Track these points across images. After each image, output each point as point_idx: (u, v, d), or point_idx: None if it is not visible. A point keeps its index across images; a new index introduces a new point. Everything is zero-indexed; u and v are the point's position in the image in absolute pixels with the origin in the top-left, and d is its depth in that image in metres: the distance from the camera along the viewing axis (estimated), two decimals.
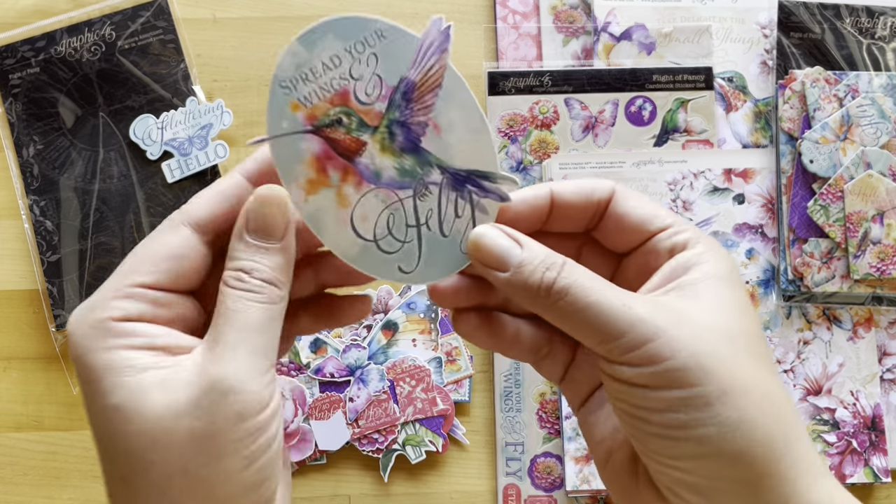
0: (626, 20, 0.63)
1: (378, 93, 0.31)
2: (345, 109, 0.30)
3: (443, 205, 0.31)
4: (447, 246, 0.31)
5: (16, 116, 0.61)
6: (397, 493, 0.59)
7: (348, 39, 0.30)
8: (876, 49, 0.62)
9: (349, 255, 0.31)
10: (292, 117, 0.30)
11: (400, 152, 0.31)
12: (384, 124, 0.30)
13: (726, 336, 0.29)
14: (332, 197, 0.31)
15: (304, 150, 0.30)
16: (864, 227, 0.59)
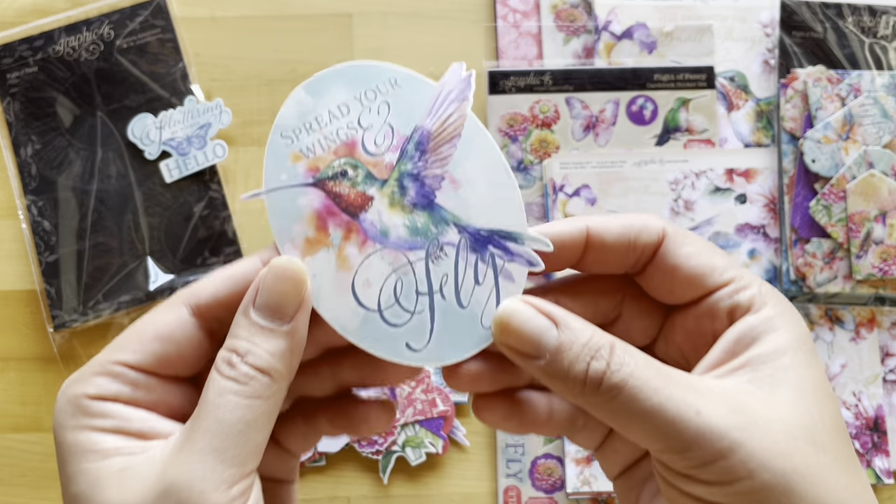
0: (627, 19, 0.62)
1: (389, 143, 0.28)
2: (351, 161, 0.28)
3: (460, 269, 0.27)
4: (465, 319, 0.27)
5: (14, 116, 0.60)
6: (397, 495, 0.59)
7: (358, 87, 0.29)
8: (878, 48, 0.62)
9: (349, 328, 0.27)
10: (292, 169, 0.28)
11: (411, 208, 0.28)
12: (394, 177, 0.28)
13: (812, 441, 0.25)
14: (332, 259, 0.27)
15: (304, 205, 0.28)
16: (866, 227, 0.58)
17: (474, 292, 0.27)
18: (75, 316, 0.58)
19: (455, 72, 0.29)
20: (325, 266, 0.27)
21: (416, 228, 0.27)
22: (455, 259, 0.27)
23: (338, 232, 0.28)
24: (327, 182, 0.28)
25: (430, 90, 0.29)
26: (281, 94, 0.62)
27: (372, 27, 0.63)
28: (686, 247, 0.28)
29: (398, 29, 0.63)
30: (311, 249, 0.28)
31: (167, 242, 0.60)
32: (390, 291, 0.27)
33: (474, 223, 0.27)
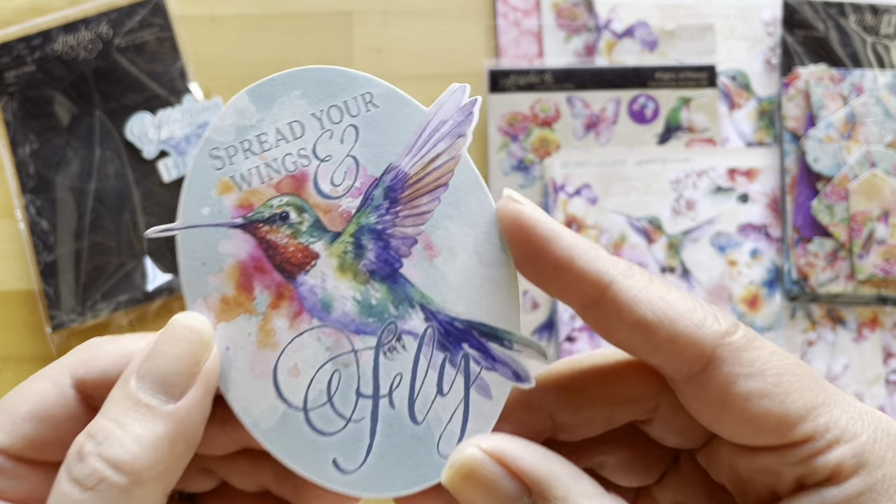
0: (628, 17, 0.62)
1: (350, 184, 0.21)
2: (296, 201, 0.21)
3: (420, 371, 0.20)
4: (417, 440, 0.20)
5: (12, 115, 0.60)
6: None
7: (321, 101, 0.22)
8: (881, 47, 0.62)
9: (261, 426, 0.21)
10: (217, 202, 0.21)
11: (367, 277, 0.21)
12: (350, 231, 0.21)
13: None
14: (253, 330, 0.21)
15: (226, 253, 0.21)
16: (868, 227, 0.58)
17: (434, 405, 0.20)
18: (73, 316, 0.58)
19: (453, 95, 0.21)
20: (243, 338, 0.21)
21: (369, 305, 0.21)
22: (415, 355, 0.20)
23: (265, 295, 0.21)
24: (261, 226, 0.21)
25: (417, 117, 0.21)
26: None
27: (371, 26, 0.63)
28: (750, 381, 0.19)
29: (398, 27, 0.63)
30: (227, 313, 0.21)
31: (165, 242, 0.60)
32: (323, 386, 0.21)
33: (449, 309, 0.21)
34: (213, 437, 0.22)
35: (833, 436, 0.19)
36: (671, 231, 0.60)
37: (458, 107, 0.21)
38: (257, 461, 0.23)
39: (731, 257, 0.60)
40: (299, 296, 0.21)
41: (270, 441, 0.21)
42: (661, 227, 0.60)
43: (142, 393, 0.20)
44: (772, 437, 0.20)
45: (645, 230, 0.60)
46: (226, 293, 0.21)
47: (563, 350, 0.58)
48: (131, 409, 0.20)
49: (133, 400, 0.20)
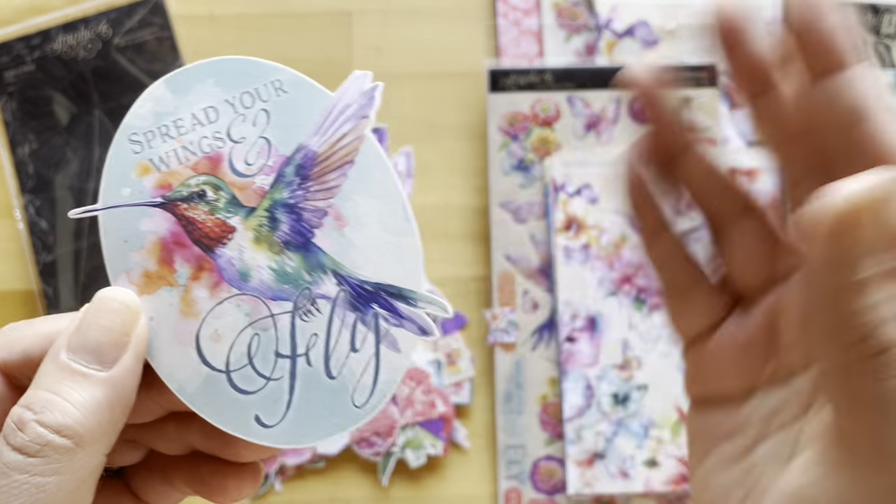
0: (628, 17, 0.62)
1: (263, 163, 0.23)
2: (212, 180, 0.22)
3: (334, 331, 0.22)
4: (333, 393, 0.22)
5: (11, 115, 0.60)
6: (396, 497, 0.58)
7: (234, 88, 0.23)
8: (881, 47, 0.62)
9: (187, 389, 0.22)
10: (138, 184, 0.22)
11: (282, 247, 0.22)
12: (265, 206, 0.22)
13: None
14: (175, 301, 0.22)
15: (147, 230, 0.22)
16: None
17: (348, 361, 0.22)
18: None
19: (357, 81, 0.23)
20: (165, 309, 0.22)
21: (284, 273, 0.22)
22: (329, 317, 0.22)
23: (185, 268, 0.22)
24: (179, 204, 0.22)
25: (324, 101, 0.23)
26: None
27: (371, 25, 0.63)
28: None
29: (398, 27, 0.63)
30: (149, 286, 0.22)
31: None
32: (243, 349, 0.22)
33: (359, 273, 0.22)
34: (140, 405, 0.23)
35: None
36: None
37: (362, 91, 0.23)
38: (183, 424, 0.25)
39: None
40: (218, 267, 0.22)
41: (196, 402, 0.22)
42: None
43: (75, 363, 0.21)
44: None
45: None
46: (148, 268, 0.23)
47: (563, 350, 0.58)
48: (66, 378, 0.21)
49: (67, 370, 0.21)
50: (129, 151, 0.23)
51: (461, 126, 0.62)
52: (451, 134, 0.62)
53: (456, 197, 0.61)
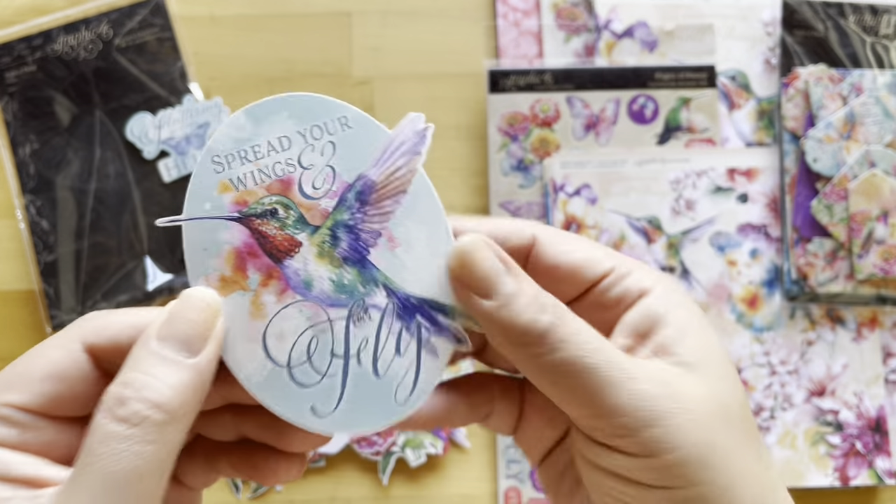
0: (628, 17, 0.62)
1: (328, 188, 0.26)
2: (283, 200, 0.26)
3: (382, 336, 0.25)
4: (379, 390, 0.26)
5: (12, 115, 0.60)
6: (397, 496, 0.58)
7: (305, 122, 0.26)
8: (880, 47, 0.62)
9: (253, 380, 0.26)
10: (218, 200, 0.26)
11: (341, 262, 0.26)
12: (328, 225, 0.26)
13: (725, 417, 0.26)
14: (245, 304, 0.25)
15: (224, 240, 0.25)
16: (868, 226, 0.58)
17: (393, 363, 0.26)
18: (74, 316, 0.58)
19: (411, 122, 0.26)
20: (237, 310, 0.25)
21: (342, 284, 0.25)
22: (378, 324, 0.26)
23: (257, 276, 0.25)
24: (254, 219, 0.25)
25: (382, 137, 0.26)
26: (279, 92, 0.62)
27: (371, 26, 0.63)
28: (561, 245, 0.28)
29: (397, 27, 0.63)
30: (225, 289, 0.25)
31: (166, 242, 0.60)
32: (303, 348, 0.26)
33: (406, 288, 0.26)
34: (207, 394, 0.26)
35: (626, 267, 0.28)
36: (671, 231, 0.60)
37: (415, 131, 0.26)
38: (240, 415, 0.28)
39: (730, 257, 0.60)
40: (285, 276, 0.26)
41: (260, 393, 0.26)
42: (661, 227, 0.60)
43: (166, 350, 0.24)
44: (588, 274, 0.27)
45: (644, 230, 0.60)
46: (224, 273, 0.26)
47: None
48: (158, 363, 0.24)
49: (158, 356, 0.24)
50: (212, 171, 0.26)
51: (461, 127, 0.62)
52: (451, 134, 0.62)
53: (456, 197, 0.61)
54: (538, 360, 0.25)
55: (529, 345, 0.25)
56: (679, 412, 0.25)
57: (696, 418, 0.25)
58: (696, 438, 0.25)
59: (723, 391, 0.26)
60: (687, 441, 0.24)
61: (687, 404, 0.25)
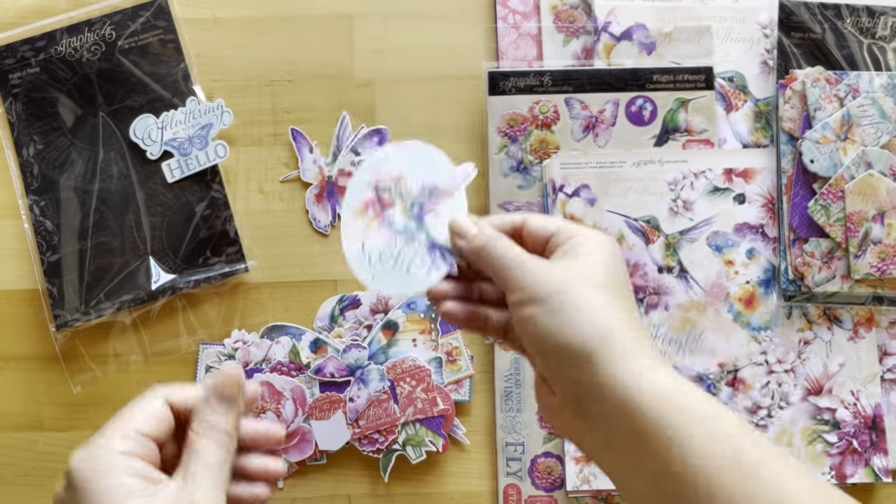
0: (626, 20, 0.63)
1: (419, 187, 0.47)
2: (394, 186, 0.47)
3: (418, 254, 0.45)
4: (413, 277, 0.46)
5: (16, 116, 0.61)
6: (397, 494, 0.59)
7: (415, 163, 0.47)
8: (876, 49, 0.62)
9: (350, 253, 0.47)
10: (366, 185, 0.47)
11: (411, 218, 0.46)
12: (411, 202, 0.46)
13: (580, 274, 0.39)
14: (364, 223, 0.47)
15: (364, 196, 0.47)
16: (864, 227, 0.58)
17: (421, 266, 0.45)
18: (77, 315, 0.59)
19: (467, 167, 0.46)
20: (358, 225, 0.47)
21: (407, 227, 0.46)
22: (417, 248, 0.46)
23: (371, 213, 0.47)
24: (380, 190, 0.47)
25: (450, 170, 0.46)
26: (281, 94, 0.63)
27: (372, 28, 0.64)
28: (536, 221, 0.44)
29: (399, 30, 0.64)
30: (358, 216, 0.47)
31: (169, 242, 0.60)
32: (379, 247, 0.46)
33: (435, 237, 0.45)
34: None
35: (574, 230, 0.43)
36: (669, 231, 0.60)
37: (467, 172, 0.47)
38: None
39: (727, 257, 0.60)
40: (384, 216, 0.46)
41: (349, 255, 0.47)
42: (659, 227, 0.60)
43: (219, 405, 0.42)
44: (548, 230, 0.43)
45: (643, 230, 0.60)
46: (359, 206, 0.47)
47: None
48: (217, 410, 0.42)
49: (217, 408, 0.42)
50: (366, 171, 0.48)
51: (461, 128, 0.63)
52: (451, 136, 0.63)
53: None
54: (483, 261, 0.42)
55: (478, 255, 0.42)
56: (548, 269, 0.40)
57: (554, 269, 0.40)
58: (550, 275, 0.39)
59: (593, 269, 0.40)
60: (543, 278, 0.39)
61: (557, 267, 0.40)
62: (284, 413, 0.58)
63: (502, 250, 0.41)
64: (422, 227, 0.46)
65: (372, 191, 0.47)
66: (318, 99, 0.63)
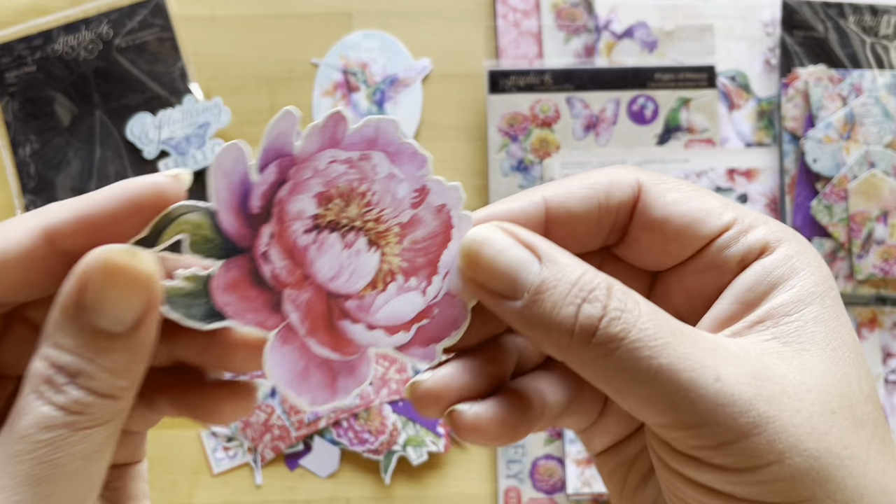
0: (628, 18, 0.62)
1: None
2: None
3: None
4: None
5: (12, 115, 0.60)
6: (397, 496, 0.58)
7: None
8: (879, 47, 0.62)
9: None
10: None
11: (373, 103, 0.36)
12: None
13: (851, 414, 0.21)
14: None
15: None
16: (867, 227, 0.58)
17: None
18: None
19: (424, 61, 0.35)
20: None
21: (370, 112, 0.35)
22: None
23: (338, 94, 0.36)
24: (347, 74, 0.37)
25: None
26: (280, 92, 0.62)
27: (372, 26, 0.63)
28: (670, 193, 0.23)
29: (398, 28, 0.63)
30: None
31: None
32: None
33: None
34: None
35: (749, 220, 0.23)
36: None
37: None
38: (174, 338, 0.24)
39: None
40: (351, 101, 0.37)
41: None
42: None
43: (94, 328, 0.21)
44: (704, 229, 0.23)
45: None
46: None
47: None
48: (89, 342, 0.21)
49: (89, 334, 0.21)
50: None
51: (461, 127, 0.62)
52: (451, 135, 0.62)
53: None
54: (591, 365, 0.20)
55: (576, 348, 0.20)
56: (784, 413, 0.20)
57: (807, 419, 0.20)
58: (808, 444, 0.20)
59: (846, 378, 0.21)
60: (795, 449, 0.20)
61: (796, 400, 0.20)
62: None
63: (663, 357, 0.20)
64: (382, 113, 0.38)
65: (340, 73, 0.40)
66: None
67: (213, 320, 0.23)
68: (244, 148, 0.24)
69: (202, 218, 0.25)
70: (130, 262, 0.21)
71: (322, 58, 0.51)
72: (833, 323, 0.22)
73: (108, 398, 0.20)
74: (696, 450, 0.20)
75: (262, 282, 0.23)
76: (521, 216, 0.23)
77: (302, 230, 0.23)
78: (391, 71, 0.38)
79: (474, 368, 0.24)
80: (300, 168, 0.24)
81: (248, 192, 0.24)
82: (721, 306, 0.23)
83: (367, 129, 0.24)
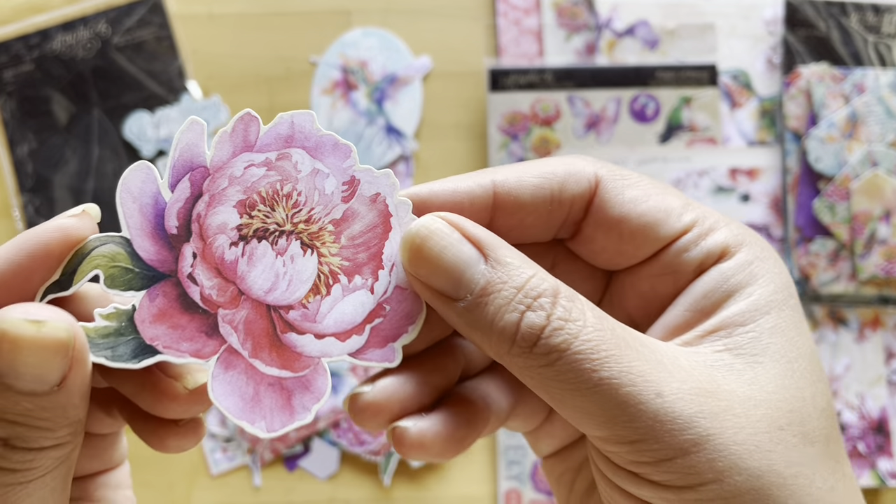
0: (629, 16, 0.62)
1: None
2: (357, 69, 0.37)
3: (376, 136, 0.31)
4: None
5: (10, 114, 0.60)
6: (397, 498, 0.58)
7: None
8: (882, 46, 0.61)
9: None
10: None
11: (373, 101, 0.35)
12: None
13: (801, 430, 0.20)
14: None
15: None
16: (870, 226, 0.58)
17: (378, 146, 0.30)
18: None
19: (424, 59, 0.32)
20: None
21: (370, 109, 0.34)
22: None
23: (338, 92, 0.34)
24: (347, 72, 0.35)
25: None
26: (278, 90, 0.62)
27: (371, 24, 0.63)
28: (629, 190, 0.22)
29: (398, 26, 0.63)
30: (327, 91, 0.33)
31: None
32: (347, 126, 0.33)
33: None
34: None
35: (710, 223, 0.22)
36: None
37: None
38: (109, 376, 0.23)
39: None
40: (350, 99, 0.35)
41: None
42: None
43: (23, 387, 0.20)
44: (663, 231, 0.22)
45: None
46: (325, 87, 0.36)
47: None
48: (20, 401, 0.20)
49: (14, 394, 0.20)
50: None
51: (461, 125, 0.62)
52: (451, 133, 0.62)
53: None
54: (531, 373, 0.20)
55: (516, 355, 0.20)
56: (727, 430, 0.19)
57: (750, 436, 0.19)
58: (749, 463, 0.19)
59: (797, 392, 0.20)
60: (735, 467, 0.19)
61: (741, 416, 0.19)
62: None
63: (604, 370, 0.19)
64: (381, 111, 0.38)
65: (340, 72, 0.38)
66: None
67: (143, 357, 0.21)
68: (151, 167, 0.22)
69: (117, 248, 0.23)
70: (36, 334, 0.19)
71: (321, 56, 0.50)
72: (790, 333, 0.21)
73: (51, 448, 0.19)
74: (635, 465, 0.20)
75: (193, 306, 0.21)
76: (466, 199, 0.22)
77: (227, 244, 0.22)
78: (391, 69, 0.37)
79: (418, 378, 0.22)
80: (215, 178, 0.22)
81: (163, 213, 0.23)
82: (675, 313, 0.22)
83: (281, 126, 0.22)
